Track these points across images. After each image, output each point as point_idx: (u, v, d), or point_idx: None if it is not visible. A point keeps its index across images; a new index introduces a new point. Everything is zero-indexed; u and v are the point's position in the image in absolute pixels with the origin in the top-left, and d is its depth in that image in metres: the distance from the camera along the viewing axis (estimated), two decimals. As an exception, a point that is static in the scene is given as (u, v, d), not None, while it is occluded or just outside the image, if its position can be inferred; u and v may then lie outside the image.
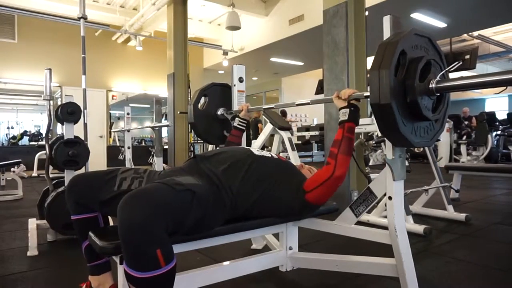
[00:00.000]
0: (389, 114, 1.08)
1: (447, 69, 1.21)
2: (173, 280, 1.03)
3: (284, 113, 10.14)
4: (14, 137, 9.88)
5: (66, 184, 2.40)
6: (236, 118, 1.98)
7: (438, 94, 1.17)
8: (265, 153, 1.47)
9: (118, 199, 1.11)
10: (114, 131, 8.62)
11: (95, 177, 1.30)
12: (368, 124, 2.67)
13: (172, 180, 1.13)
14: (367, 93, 1.22)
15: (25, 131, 10.19)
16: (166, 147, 6.34)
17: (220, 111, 2.21)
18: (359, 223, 1.50)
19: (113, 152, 7.92)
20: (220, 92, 2.23)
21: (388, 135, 1.19)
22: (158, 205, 1.01)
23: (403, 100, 1.11)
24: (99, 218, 1.37)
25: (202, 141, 6.35)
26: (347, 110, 1.36)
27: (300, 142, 7.95)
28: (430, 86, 1.13)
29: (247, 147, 1.57)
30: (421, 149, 5.85)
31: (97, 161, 7.63)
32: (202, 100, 2.19)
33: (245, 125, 1.97)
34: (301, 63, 9.77)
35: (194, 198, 1.11)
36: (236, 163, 1.34)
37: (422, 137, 1.21)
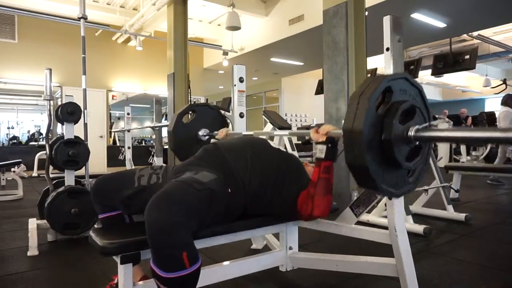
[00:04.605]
0: (358, 143, 0.99)
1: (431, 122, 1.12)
2: (198, 278, 1.07)
3: None
4: (14, 137, 9.88)
5: (66, 183, 2.40)
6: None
7: (417, 143, 1.09)
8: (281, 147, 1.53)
9: (138, 196, 1.28)
10: (114, 131, 8.62)
11: (115, 179, 1.38)
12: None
13: (191, 179, 1.17)
14: None
15: (32, 135, 10.14)
16: (166, 147, 6.33)
17: (201, 132, 2.18)
18: (359, 223, 1.50)
19: (113, 152, 7.91)
20: (200, 113, 2.19)
21: (354, 168, 1.04)
22: (182, 207, 1.06)
23: (378, 136, 1.03)
24: (123, 215, 1.41)
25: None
26: (324, 147, 1.29)
27: (300, 142, 7.94)
28: (409, 133, 1.06)
29: (263, 138, 1.61)
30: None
31: (97, 161, 7.63)
32: (184, 119, 2.16)
33: None
34: (301, 63, 9.76)
35: (213, 195, 1.16)
36: (252, 154, 1.38)
37: (391, 185, 1.09)
